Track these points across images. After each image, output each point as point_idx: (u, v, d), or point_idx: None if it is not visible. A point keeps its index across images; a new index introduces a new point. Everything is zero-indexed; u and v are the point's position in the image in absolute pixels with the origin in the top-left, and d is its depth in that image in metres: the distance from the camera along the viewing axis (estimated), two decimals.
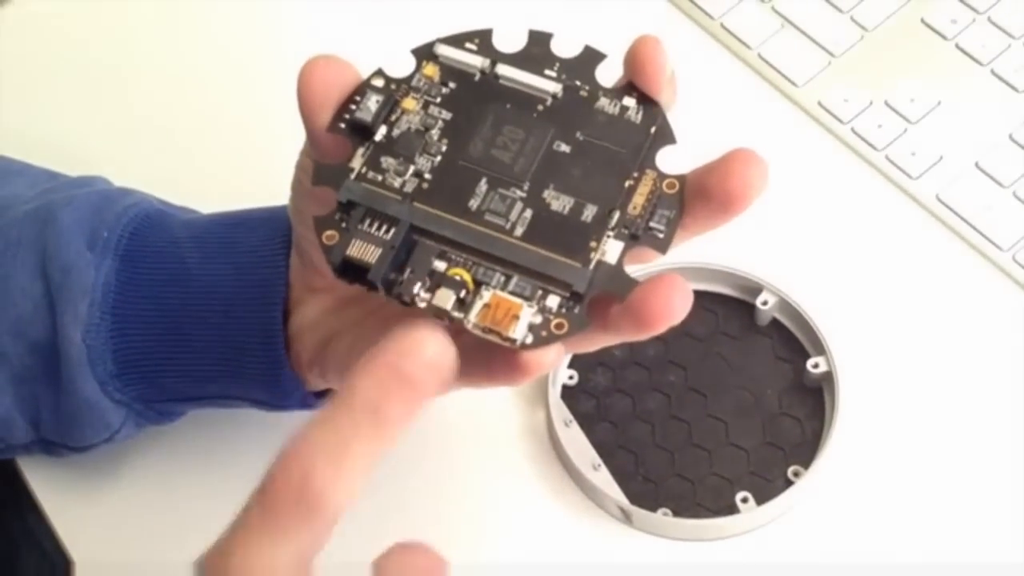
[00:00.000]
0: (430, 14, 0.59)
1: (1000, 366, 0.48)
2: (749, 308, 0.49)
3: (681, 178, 0.33)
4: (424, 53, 0.35)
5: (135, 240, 0.43)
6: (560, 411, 0.47)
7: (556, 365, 0.33)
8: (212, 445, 0.49)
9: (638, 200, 0.33)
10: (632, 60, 0.34)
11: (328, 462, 0.28)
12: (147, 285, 0.42)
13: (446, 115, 0.34)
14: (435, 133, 0.34)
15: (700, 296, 0.50)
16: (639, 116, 0.34)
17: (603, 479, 0.46)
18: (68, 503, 0.49)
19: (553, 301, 0.32)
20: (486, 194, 0.33)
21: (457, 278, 0.32)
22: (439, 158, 0.34)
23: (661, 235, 0.32)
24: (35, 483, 0.49)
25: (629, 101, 0.34)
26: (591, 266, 0.32)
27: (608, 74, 0.35)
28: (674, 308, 0.31)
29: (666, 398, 0.48)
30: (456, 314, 0.32)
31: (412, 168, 0.33)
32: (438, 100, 0.35)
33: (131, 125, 0.58)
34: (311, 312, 0.41)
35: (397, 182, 0.33)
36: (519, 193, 0.33)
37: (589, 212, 0.33)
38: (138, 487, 0.49)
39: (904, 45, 0.55)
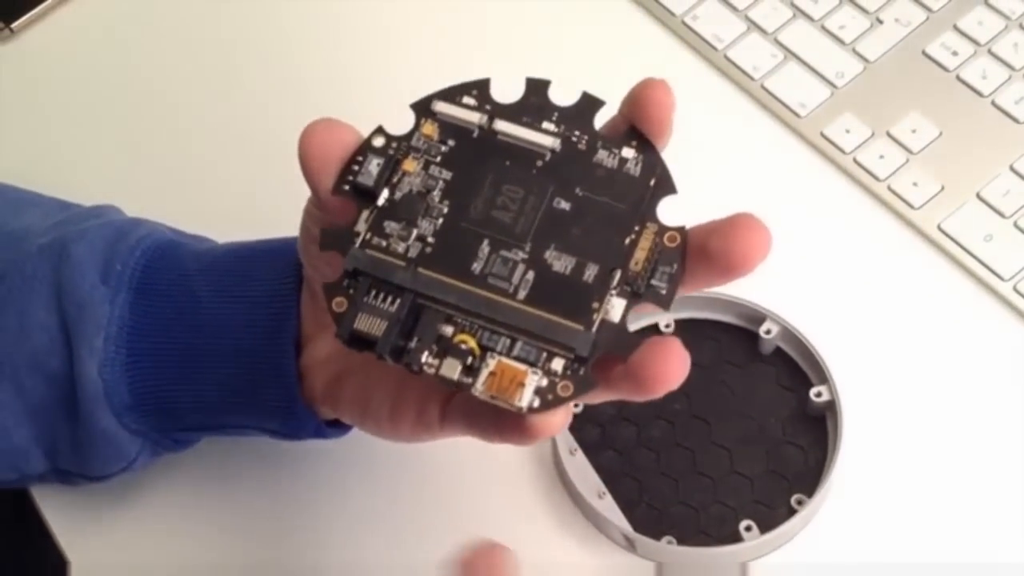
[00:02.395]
0: (437, 51, 0.60)
1: (1001, 395, 0.48)
2: (753, 337, 0.49)
3: (682, 231, 0.33)
4: (422, 109, 0.35)
5: (148, 273, 0.43)
6: (565, 439, 0.48)
7: (565, 426, 0.34)
8: (226, 469, 0.49)
9: (639, 255, 0.33)
10: (636, 103, 0.34)
11: None
12: (160, 318, 0.42)
13: (446, 175, 0.34)
14: (436, 195, 0.34)
15: (704, 325, 0.50)
16: (638, 168, 0.34)
17: (608, 507, 0.46)
18: (78, 526, 0.49)
19: (558, 364, 0.32)
20: (488, 256, 0.33)
21: (463, 346, 0.32)
22: (441, 220, 0.34)
23: (663, 291, 0.32)
24: (45, 507, 0.50)
25: (628, 152, 0.34)
26: (594, 328, 0.32)
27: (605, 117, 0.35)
28: (671, 375, 0.32)
29: (670, 426, 0.48)
30: (464, 380, 0.32)
31: (415, 232, 0.33)
32: (438, 159, 0.34)
33: (142, 153, 0.59)
34: (322, 349, 0.41)
35: (401, 247, 0.33)
36: (521, 255, 0.33)
37: (591, 272, 0.33)
38: (149, 511, 0.49)
39: (906, 77, 0.55)
